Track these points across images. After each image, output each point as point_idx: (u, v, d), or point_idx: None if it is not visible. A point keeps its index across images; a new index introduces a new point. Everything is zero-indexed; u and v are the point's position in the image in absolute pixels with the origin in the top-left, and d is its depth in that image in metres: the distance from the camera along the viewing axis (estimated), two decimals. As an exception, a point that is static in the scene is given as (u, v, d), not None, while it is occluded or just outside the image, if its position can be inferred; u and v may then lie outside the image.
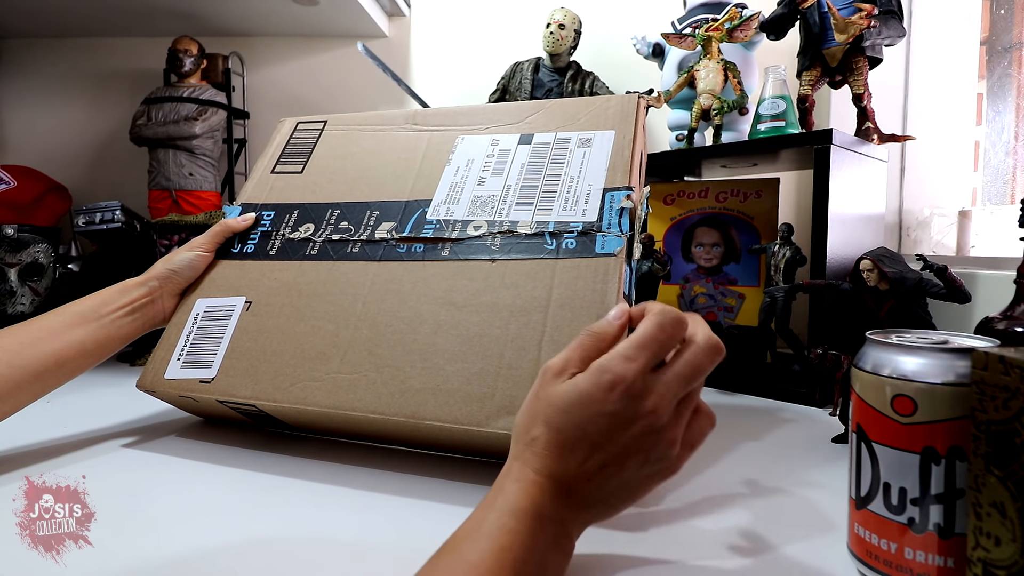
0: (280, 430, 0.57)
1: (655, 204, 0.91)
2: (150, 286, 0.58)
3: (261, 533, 0.39)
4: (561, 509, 0.31)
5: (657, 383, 0.32)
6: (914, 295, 0.55)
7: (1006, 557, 0.27)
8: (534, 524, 0.29)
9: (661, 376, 0.32)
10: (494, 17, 1.12)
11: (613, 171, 0.54)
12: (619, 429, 0.31)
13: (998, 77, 0.92)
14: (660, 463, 0.33)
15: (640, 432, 0.31)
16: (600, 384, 0.31)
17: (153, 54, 1.05)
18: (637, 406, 0.31)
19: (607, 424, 0.31)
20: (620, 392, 0.31)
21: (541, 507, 0.30)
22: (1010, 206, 0.87)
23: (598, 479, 0.32)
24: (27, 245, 0.88)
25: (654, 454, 0.32)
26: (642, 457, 0.32)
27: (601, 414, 0.31)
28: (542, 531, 0.30)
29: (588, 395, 0.31)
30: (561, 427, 0.32)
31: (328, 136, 0.68)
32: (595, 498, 0.32)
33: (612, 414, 0.31)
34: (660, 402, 0.31)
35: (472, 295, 0.50)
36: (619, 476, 0.32)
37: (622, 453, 0.31)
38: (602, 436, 0.31)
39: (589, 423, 0.31)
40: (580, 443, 0.31)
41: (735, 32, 0.80)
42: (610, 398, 0.31)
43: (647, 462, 0.32)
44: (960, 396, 0.30)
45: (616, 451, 0.31)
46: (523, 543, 0.29)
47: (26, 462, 0.50)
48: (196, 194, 0.95)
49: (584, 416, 0.31)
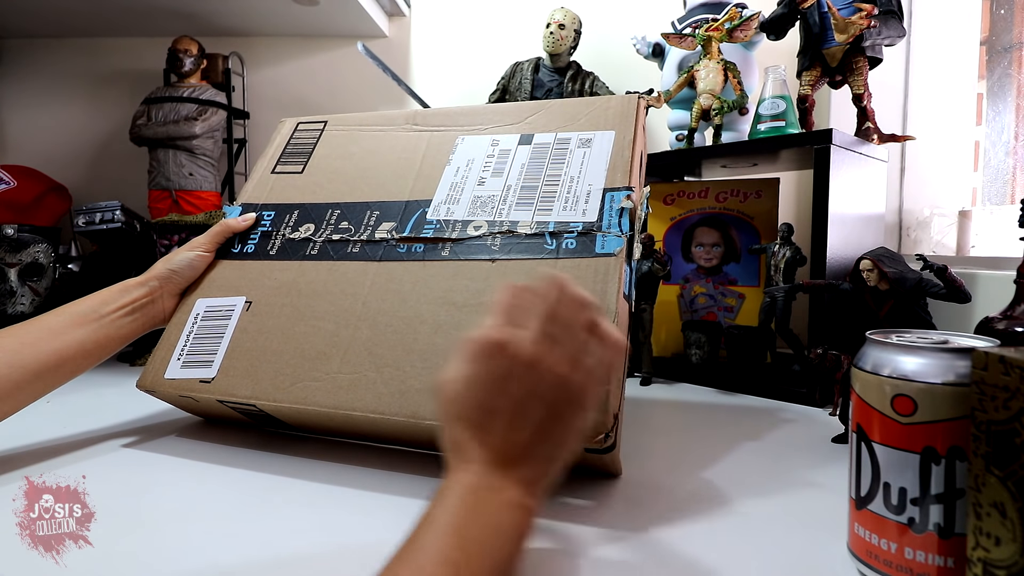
0: (280, 430, 0.57)
1: (655, 204, 0.91)
2: (150, 286, 0.58)
3: (261, 533, 0.39)
4: (494, 478, 0.31)
5: (520, 332, 0.33)
6: (914, 295, 0.55)
7: (1006, 557, 0.27)
8: (471, 499, 0.30)
9: (522, 325, 0.33)
10: (494, 17, 1.12)
11: (613, 171, 0.54)
12: (503, 386, 0.32)
13: (998, 77, 0.92)
14: (559, 401, 0.33)
15: (520, 378, 0.32)
16: (472, 357, 0.33)
17: (153, 54, 1.05)
18: (511, 359, 0.32)
19: (492, 387, 0.32)
20: (488, 353, 0.32)
21: (474, 485, 0.31)
22: (1010, 206, 0.87)
23: (514, 439, 0.32)
24: (27, 245, 0.88)
25: (550, 396, 0.33)
26: (539, 403, 0.32)
27: (484, 384, 0.32)
28: (484, 505, 0.30)
29: (467, 375, 0.33)
30: (461, 414, 0.33)
31: (328, 136, 0.68)
32: (523, 457, 0.32)
33: (489, 378, 0.32)
34: (528, 346, 0.32)
35: (472, 295, 0.50)
36: (531, 428, 0.32)
37: (517, 406, 0.32)
38: (493, 400, 0.32)
39: (482, 396, 0.32)
40: (481, 418, 0.32)
41: (735, 32, 0.80)
42: (485, 366, 0.32)
43: (547, 405, 0.33)
44: (960, 396, 0.30)
45: (512, 406, 0.32)
46: (464, 519, 0.29)
47: (26, 462, 0.50)
48: (196, 194, 0.95)
49: (473, 395, 0.33)
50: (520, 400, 0.32)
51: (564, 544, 0.38)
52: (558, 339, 0.34)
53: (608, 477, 0.48)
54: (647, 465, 0.51)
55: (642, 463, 0.51)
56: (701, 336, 0.81)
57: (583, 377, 0.34)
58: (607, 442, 0.42)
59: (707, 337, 0.81)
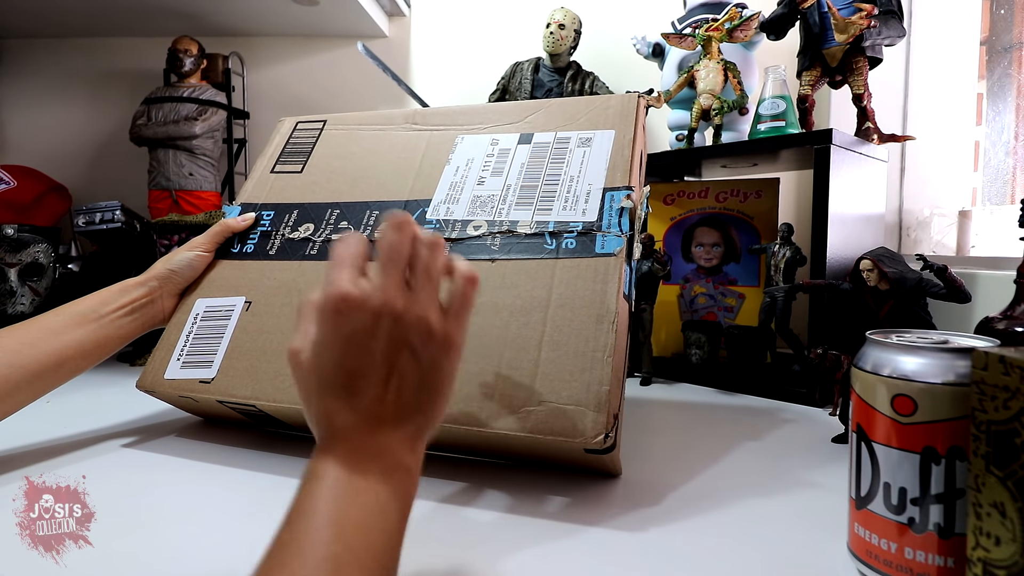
0: (280, 430, 0.57)
1: (655, 204, 0.91)
2: (150, 286, 0.58)
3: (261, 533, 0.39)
4: (376, 439, 0.30)
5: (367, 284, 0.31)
6: (914, 295, 0.55)
7: (1006, 557, 0.27)
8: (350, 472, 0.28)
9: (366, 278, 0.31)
10: (494, 17, 1.12)
11: (613, 171, 0.54)
12: (364, 342, 0.30)
13: (998, 77, 0.92)
14: (428, 346, 0.31)
15: (381, 330, 0.30)
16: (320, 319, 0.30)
17: (153, 54, 1.05)
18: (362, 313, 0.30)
19: (352, 347, 0.30)
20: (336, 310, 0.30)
21: (352, 457, 0.29)
22: (1010, 206, 0.87)
23: (388, 396, 0.30)
24: (27, 245, 0.88)
25: (413, 339, 0.31)
26: (405, 353, 0.31)
27: (340, 344, 0.30)
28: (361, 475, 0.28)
29: (319, 339, 0.31)
30: (324, 382, 0.30)
31: (328, 136, 0.68)
32: (401, 414, 0.31)
33: (347, 337, 0.30)
34: (380, 295, 0.30)
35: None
36: (403, 380, 0.31)
37: (384, 361, 0.30)
38: (357, 360, 0.30)
39: (342, 358, 0.30)
40: (347, 381, 0.30)
41: (735, 32, 0.80)
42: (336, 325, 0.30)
43: (414, 350, 0.31)
44: (960, 396, 0.30)
45: (379, 361, 0.30)
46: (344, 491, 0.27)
47: (26, 462, 0.50)
48: (196, 194, 0.95)
49: (330, 358, 0.30)
50: (383, 354, 0.30)
51: (564, 544, 0.38)
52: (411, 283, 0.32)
53: (608, 477, 0.48)
54: (647, 465, 0.51)
55: (642, 463, 0.51)
56: (701, 336, 0.81)
57: (453, 318, 0.32)
58: (607, 442, 0.42)
59: (707, 337, 0.81)
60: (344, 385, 0.30)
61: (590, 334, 0.45)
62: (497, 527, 0.40)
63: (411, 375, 0.31)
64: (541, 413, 0.43)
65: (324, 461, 0.29)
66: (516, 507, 0.42)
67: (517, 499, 0.44)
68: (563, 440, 0.42)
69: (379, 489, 0.28)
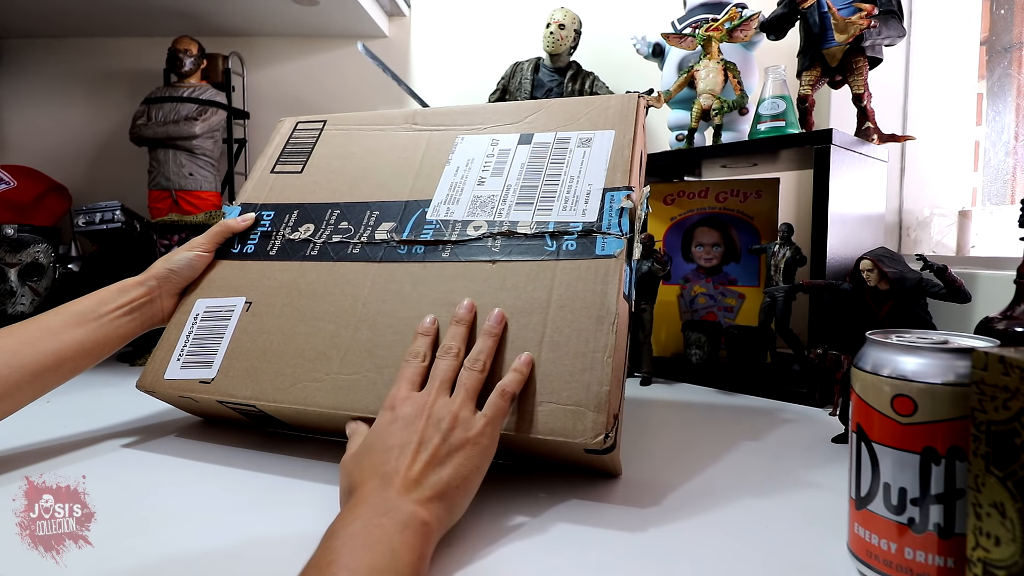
0: (280, 430, 0.57)
1: (655, 204, 0.91)
2: (149, 286, 0.58)
3: (261, 533, 0.39)
4: (396, 501, 0.34)
5: (417, 392, 0.42)
6: (914, 295, 0.55)
7: (1006, 557, 0.27)
8: (367, 524, 0.32)
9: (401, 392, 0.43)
10: (494, 17, 1.12)
11: (613, 171, 0.54)
12: (410, 423, 0.40)
13: (998, 77, 0.92)
14: (453, 431, 0.39)
15: (427, 418, 0.40)
16: (379, 415, 0.42)
17: (153, 54, 1.05)
18: (416, 407, 0.41)
19: (399, 427, 0.39)
20: (393, 407, 0.41)
21: (370, 514, 0.33)
22: (1010, 206, 0.87)
23: (418, 465, 0.37)
24: (27, 245, 0.88)
25: (443, 424, 0.39)
26: (437, 433, 0.39)
27: (389, 424, 0.40)
28: (377, 528, 0.32)
29: (374, 428, 0.41)
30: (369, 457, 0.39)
31: (328, 136, 0.68)
32: (426, 480, 0.36)
33: (397, 419, 0.40)
34: (424, 395, 0.42)
35: (472, 297, 0.50)
36: (435, 456, 0.38)
37: (422, 439, 0.38)
38: (401, 436, 0.39)
39: (384, 436, 0.39)
40: (386, 452, 0.38)
41: (735, 32, 0.80)
42: (388, 415, 0.41)
43: (444, 434, 0.39)
44: (960, 396, 0.30)
45: (418, 439, 0.38)
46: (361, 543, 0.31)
47: (26, 462, 0.50)
48: (196, 194, 0.95)
49: (377, 437, 0.40)
50: (419, 432, 0.39)
51: (564, 544, 0.38)
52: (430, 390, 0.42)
53: (608, 477, 0.48)
54: (647, 465, 0.51)
55: (642, 463, 0.51)
56: (701, 336, 0.81)
57: (479, 418, 0.41)
58: (607, 442, 0.42)
59: (707, 337, 0.81)
60: (380, 455, 0.38)
61: (590, 335, 0.45)
62: (497, 527, 0.40)
63: (438, 453, 0.38)
64: (541, 413, 0.43)
65: (343, 520, 0.33)
66: (516, 507, 0.42)
67: (517, 499, 0.44)
68: (563, 440, 0.42)
69: (394, 538, 0.32)
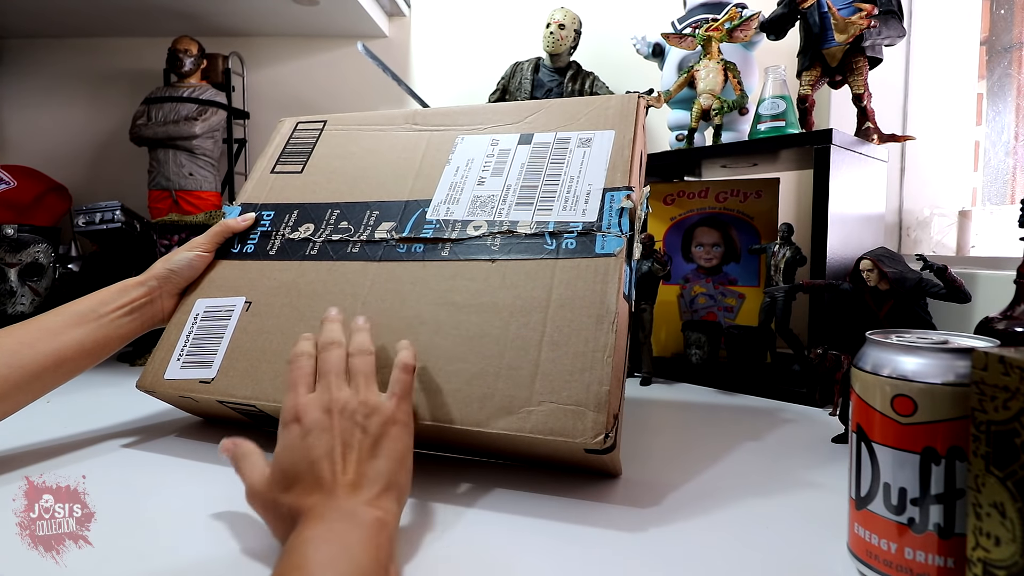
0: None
1: (655, 204, 0.91)
2: (149, 286, 0.58)
3: (261, 533, 0.39)
4: (346, 504, 0.34)
5: (314, 395, 0.39)
6: (914, 295, 0.55)
7: (1006, 557, 0.27)
8: (325, 533, 0.31)
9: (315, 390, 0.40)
10: (494, 17, 1.12)
11: (613, 171, 0.54)
12: (324, 430, 0.37)
13: (998, 77, 0.92)
14: (371, 419, 0.38)
15: (334, 419, 0.37)
16: (283, 432, 0.38)
17: (153, 54, 1.05)
18: (315, 412, 0.38)
19: (314, 440, 0.36)
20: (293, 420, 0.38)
21: (324, 524, 0.32)
22: (1010, 206, 0.87)
23: (352, 466, 0.35)
24: (27, 245, 0.88)
25: (359, 418, 0.37)
26: (356, 429, 0.37)
27: (300, 444, 0.37)
28: (336, 535, 0.31)
29: (282, 447, 0.37)
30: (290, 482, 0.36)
31: (328, 136, 0.68)
32: (367, 479, 0.35)
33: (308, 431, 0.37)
34: (326, 395, 0.39)
35: (472, 295, 0.50)
36: (359, 453, 0.36)
37: (340, 440, 0.36)
38: (318, 448, 0.36)
39: (303, 454, 0.36)
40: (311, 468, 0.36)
41: (735, 32, 0.80)
42: (297, 432, 0.37)
43: (363, 427, 0.37)
44: (960, 396, 0.30)
45: (341, 442, 0.36)
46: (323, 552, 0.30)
47: (26, 462, 0.50)
48: (196, 194, 0.95)
49: (298, 455, 0.36)
50: (339, 435, 0.36)
51: (564, 544, 0.38)
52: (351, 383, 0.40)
53: (608, 477, 0.48)
54: (647, 465, 0.51)
55: (642, 463, 0.51)
56: (701, 336, 0.81)
57: (389, 400, 0.39)
58: (607, 442, 0.42)
59: (707, 337, 0.81)
60: (309, 472, 0.35)
61: (590, 334, 0.45)
62: (497, 527, 0.40)
63: (365, 447, 0.37)
64: (541, 413, 0.43)
65: (293, 537, 0.32)
66: (516, 507, 0.42)
67: (517, 499, 0.44)
68: (563, 440, 0.42)
69: (348, 537, 0.31)
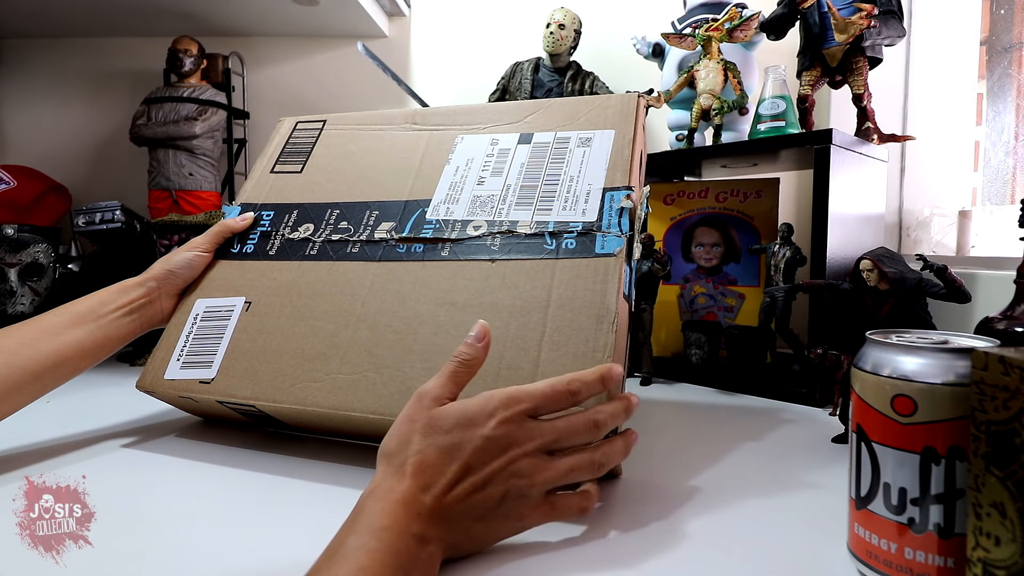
0: (280, 430, 0.57)
1: (655, 204, 0.91)
2: (148, 286, 0.58)
3: (261, 533, 0.39)
4: (427, 528, 0.32)
5: (534, 426, 0.36)
6: (914, 295, 0.55)
7: (1006, 557, 0.27)
8: (396, 542, 0.30)
9: (538, 422, 0.36)
10: (494, 17, 1.12)
11: (613, 171, 0.54)
12: (492, 455, 0.34)
13: (998, 77, 0.92)
14: (517, 503, 0.35)
15: (507, 463, 0.35)
16: (485, 409, 0.35)
17: (153, 54, 1.05)
18: (512, 438, 0.35)
19: (483, 447, 0.34)
20: (500, 419, 0.35)
21: (405, 526, 0.31)
22: (1010, 206, 0.87)
23: (465, 503, 0.34)
24: (27, 245, 0.88)
25: (514, 490, 0.35)
26: (504, 489, 0.34)
27: (480, 436, 0.34)
28: (405, 549, 0.30)
29: (472, 417, 0.35)
30: (441, 446, 0.34)
31: (327, 136, 0.68)
32: (459, 524, 0.34)
33: (489, 438, 0.35)
34: (530, 444, 0.35)
35: (472, 295, 0.50)
36: (483, 505, 0.34)
37: (489, 479, 0.34)
38: (476, 457, 0.34)
39: (468, 442, 0.34)
40: (454, 462, 0.34)
41: (735, 32, 0.80)
42: (490, 423, 0.35)
43: (506, 497, 0.35)
44: (960, 396, 0.30)
45: (485, 476, 0.34)
46: (383, 562, 0.29)
47: (26, 462, 0.50)
48: (196, 194, 0.95)
49: (465, 436, 0.34)
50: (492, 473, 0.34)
51: (564, 544, 0.38)
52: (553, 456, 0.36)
53: (608, 477, 0.48)
54: (647, 465, 0.51)
55: (642, 463, 0.51)
56: (701, 336, 0.81)
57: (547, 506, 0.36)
58: (607, 442, 0.42)
59: (707, 337, 0.81)
60: (445, 460, 0.34)
61: (590, 334, 0.45)
62: (497, 527, 0.40)
63: (486, 502, 0.34)
64: (541, 413, 0.43)
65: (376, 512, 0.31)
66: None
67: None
68: (563, 440, 0.42)
69: (404, 560, 0.30)
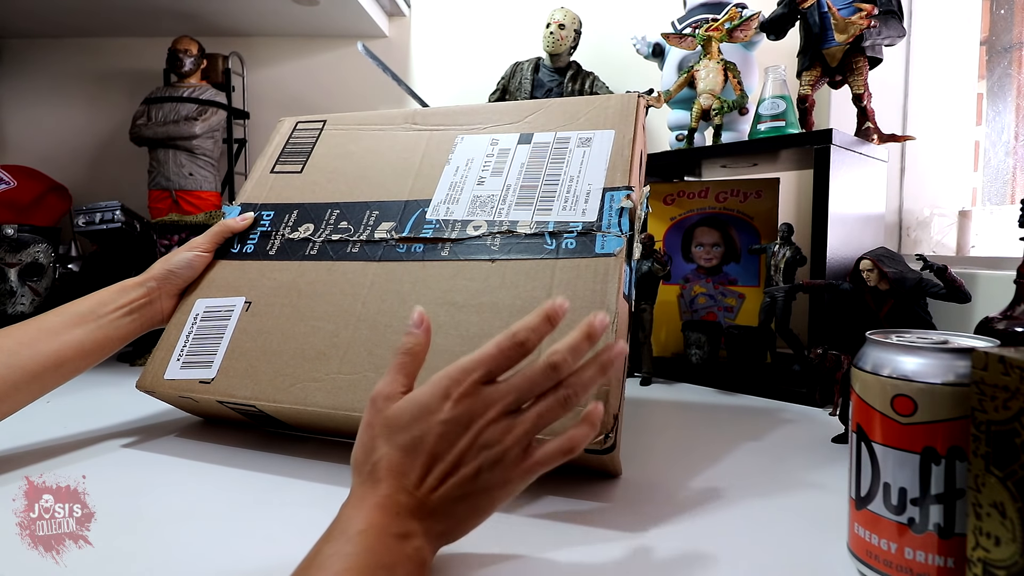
0: (280, 430, 0.57)
1: (655, 204, 0.91)
2: (148, 286, 0.58)
3: (261, 533, 0.39)
4: (409, 524, 0.31)
5: (491, 392, 0.33)
6: (914, 295, 0.55)
7: (1006, 557, 0.27)
8: (374, 543, 0.30)
9: (495, 386, 0.34)
10: (494, 17, 1.12)
11: (613, 171, 0.54)
12: (456, 436, 0.32)
13: (998, 77, 0.92)
14: (495, 471, 0.33)
15: (473, 439, 0.32)
16: (438, 392, 0.33)
17: (153, 54, 1.05)
18: (471, 414, 0.33)
19: (443, 431, 0.32)
20: (455, 399, 0.33)
21: (384, 527, 0.31)
22: (1010, 206, 0.87)
23: (442, 491, 0.32)
24: (27, 245, 0.88)
25: (488, 461, 0.33)
26: (476, 466, 0.33)
27: (439, 422, 0.32)
28: (385, 549, 0.30)
29: (426, 405, 0.33)
30: (403, 444, 0.33)
31: (327, 136, 0.68)
32: (442, 511, 0.33)
33: (447, 421, 0.32)
34: (492, 411, 0.33)
35: (472, 295, 0.50)
36: (460, 486, 0.32)
37: (459, 461, 0.32)
38: (440, 445, 0.32)
39: (428, 433, 0.32)
40: (420, 456, 0.32)
41: (735, 32, 0.80)
42: (445, 406, 0.33)
43: (482, 471, 0.33)
44: (960, 396, 0.30)
45: (454, 459, 0.32)
46: (361, 563, 0.28)
47: (26, 462, 0.50)
48: (196, 194, 0.95)
49: (423, 427, 0.33)
50: (461, 452, 0.32)
51: (564, 544, 0.38)
52: (520, 417, 0.33)
53: (608, 477, 0.48)
54: (647, 465, 0.51)
55: (642, 463, 0.51)
56: (701, 336, 0.81)
57: (531, 463, 0.34)
58: (607, 443, 0.42)
59: (707, 337, 0.81)
60: (410, 456, 0.32)
61: (590, 334, 0.45)
62: (496, 527, 0.40)
63: (464, 483, 0.32)
64: (541, 413, 0.43)
65: (357, 516, 0.31)
66: (515, 507, 0.42)
67: (516, 499, 0.43)
68: (563, 440, 0.42)
69: (387, 560, 0.30)
